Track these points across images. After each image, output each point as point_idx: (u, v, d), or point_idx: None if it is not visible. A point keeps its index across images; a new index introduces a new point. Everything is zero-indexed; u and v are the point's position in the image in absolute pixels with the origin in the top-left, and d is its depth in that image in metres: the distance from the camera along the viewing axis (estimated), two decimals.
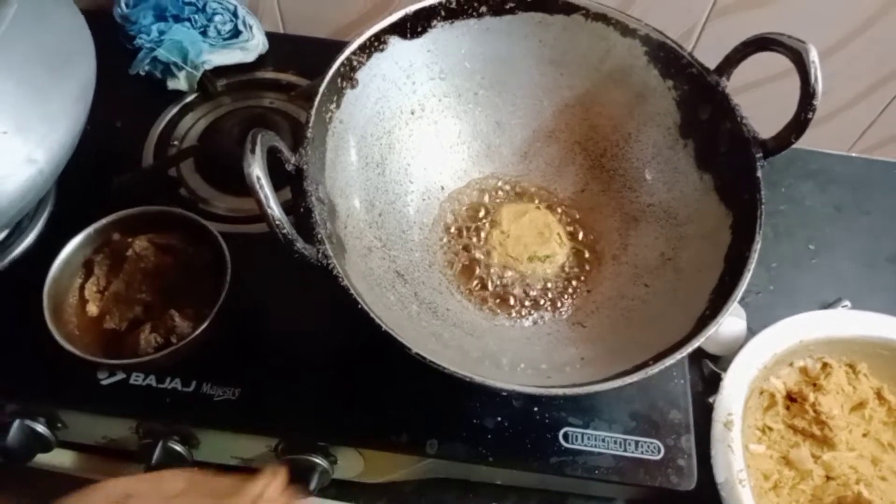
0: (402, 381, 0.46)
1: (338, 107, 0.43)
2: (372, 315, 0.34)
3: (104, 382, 0.46)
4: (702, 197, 0.44)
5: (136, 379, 0.46)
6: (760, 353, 0.51)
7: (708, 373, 0.56)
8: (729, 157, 0.43)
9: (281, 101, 0.62)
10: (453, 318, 0.44)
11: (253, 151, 0.32)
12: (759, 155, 0.41)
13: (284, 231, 0.33)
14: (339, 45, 0.43)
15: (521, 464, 0.44)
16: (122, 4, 0.63)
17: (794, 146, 0.70)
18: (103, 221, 0.48)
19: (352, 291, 0.35)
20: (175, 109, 0.61)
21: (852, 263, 0.65)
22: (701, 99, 0.45)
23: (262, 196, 0.32)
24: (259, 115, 0.60)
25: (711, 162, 0.45)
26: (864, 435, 0.52)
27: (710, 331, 0.36)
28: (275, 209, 0.32)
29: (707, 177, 0.45)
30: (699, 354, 0.56)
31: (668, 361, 0.35)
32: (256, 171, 0.32)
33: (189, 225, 0.48)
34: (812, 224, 0.67)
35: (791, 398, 0.53)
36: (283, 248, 0.34)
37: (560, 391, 0.34)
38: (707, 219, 0.43)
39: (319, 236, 0.36)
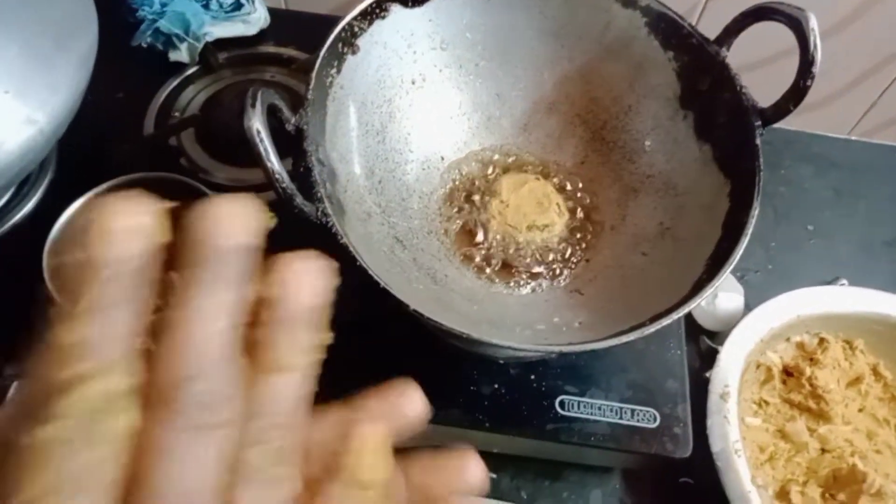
0: (399, 349, 0.46)
1: (338, 72, 0.43)
2: (371, 272, 0.35)
3: None
4: (701, 167, 0.45)
5: None
6: (757, 327, 0.51)
7: (705, 348, 0.56)
8: (728, 126, 0.43)
9: (282, 75, 0.63)
10: (452, 285, 0.45)
11: (253, 106, 0.33)
12: (758, 123, 0.41)
13: (284, 185, 0.33)
14: (340, 20, 0.43)
15: (518, 430, 0.45)
16: None
17: (793, 129, 0.71)
18: (104, 186, 0.48)
19: (351, 249, 0.35)
20: (176, 81, 0.61)
21: (850, 245, 0.65)
22: (701, 69, 0.45)
23: (261, 149, 0.32)
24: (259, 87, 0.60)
25: (711, 132, 0.45)
26: (860, 410, 0.52)
27: (707, 293, 0.36)
28: (274, 162, 0.32)
29: (706, 147, 0.45)
30: (697, 330, 0.57)
31: (664, 322, 0.35)
32: (256, 124, 0.32)
33: (189, 192, 0.48)
34: (811, 206, 0.67)
35: (787, 373, 0.53)
36: (282, 202, 0.34)
37: (557, 348, 0.34)
38: (706, 188, 0.44)
39: (319, 195, 0.36)
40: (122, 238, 0.15)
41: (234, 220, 0.16)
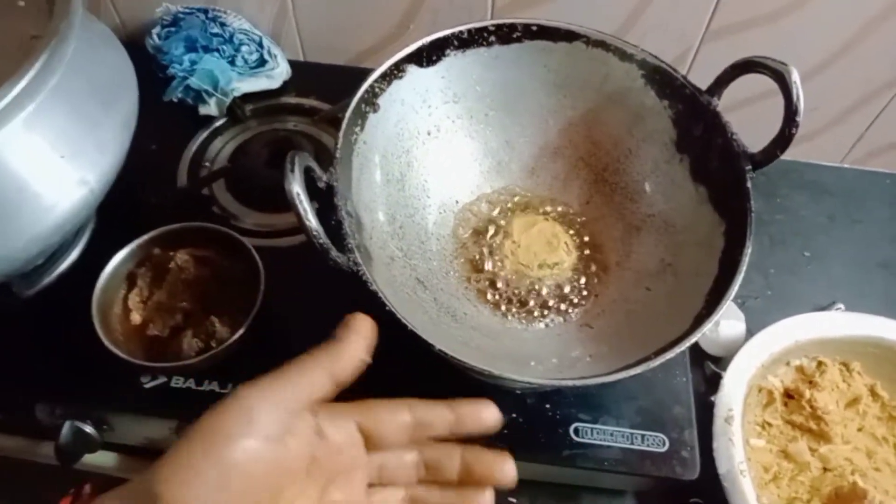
0: (423, 383, 0.49)
1: (362, 129, 0.47)
2: (399, 316, 0.38)
3: (147, 386, 0.50)
4: (697, 207, 0.48)
5: (177, 382, 0.50)
6: (758, 352, 0.54)
7: (710, 373, 0.59)
8: (721, 169, 0.47)
9: (304, 124, 0.67)
10: (470, 322, 0.48)
11: (292, 171, 0.36)
12: (749, 167, 0.45)
13: (321, 241, 0.37)
14: (357, 72, 0.48)
15: (535, 456, 0.48)
16: (154, 37, 0.68)
17: (788, 159, 0.75)
18: (145, 237, 0.52)
19: (380, 295, 0.38)
20: (206, 133, 0.65)
21: (845, 269, 0.68)
22: (694, 117, 0.49)
23: (301, 210, 0.36)
24: (284, 137, 0.65)
25: (705, 174, 0.48)
26: (859, 429, 0.55)
27: (706, 327, 0.39)
28: (313, 221, 0.36)
29: (702, 188, 0.48)
30: (701, 356, 0.59)
31: (668, 355, 0.38)
32: (296, 188, 0.36)
33: (224, 239, 0.52)
34: (807, 232, 0.70)
35: (788, 395, 0.56)
36: (319, 255, 0.37)
37: (570, 383, 0.37)
38: (702, 227, 0.47)
39: (350, 246, 0.40)
40: None
41: None
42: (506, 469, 0.31)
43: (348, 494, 0.30)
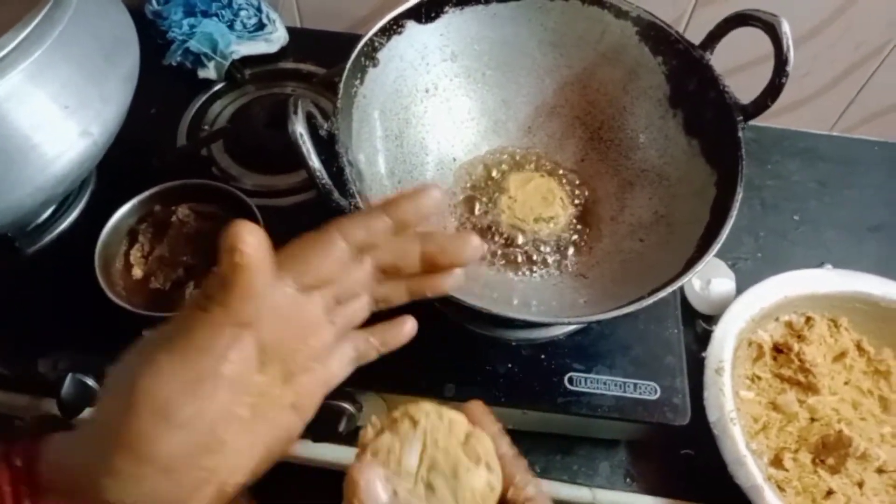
0: (421, 333, 0.50)
1: (361, 83, 0.48)
2: None
3: None
4: (690, 160, 0.49)
5: None
6: (749, 306, 0.56)
7: (701, 331, 0.60)
8: (713, 122, 0.48)
9: (302, 89, 0.67)
10: (469, 274, 0.48)
11: (295, 112, 0.37)
12: (740, 119, 0.46)
13: (323, 182, 0.38)
14: (354, 38, 0.48)
15: (531, 404, 0.49)
16: (154, 2, 0.68)
17: (781, 127, 0.76)
18: (146, 193, 0.53)
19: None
20: (205, 96, 0.66)
21: (835, 232, 0.69)
22: (688, 72, 0.50)
23: (304, 150, 0.37)
24: (282, 101, 0.65)
25: (698, 128, 0.49)
26: (846, 382, 0.56)
27: (699, 267, 0.40)
28: (315, 161, 0.37)
29: (695, 141, 0.50)
30: (693, 315, 0.61)
31: (661, 294, 0.40)
32: (299, 128, 0.37)
33: (224, 196, 0.53)
34: (798, 197, 0.72)
35: (777, 349, 0.57)
36: (321, 196, 0.38)
37: (566, 320, 0.38)
38: (695, 178, 0.48)
39: (352, 191, 0.40)
40: None
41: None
42: (470, 245, 0.30)
43: (312, 349, 0.29)
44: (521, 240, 0.52)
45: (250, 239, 0.25)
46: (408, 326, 0.33)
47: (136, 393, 0.24)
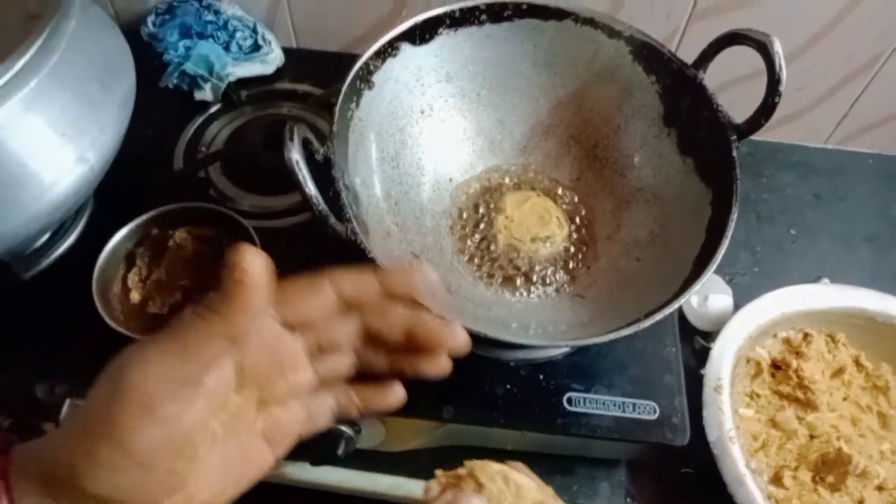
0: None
1: (357, 106, 0.48)
2: None
3: None
4: (685, 178, 0.49)
5: None
6: (746, 323, 0.56)
7: (699, 348, 0.60)
8: (707, 141, 0.48)
9: (298, 109, 0.68)
10: (465, 294, 0.49)
11: (291, 139, 0.37)
12: (734, 137, 0.46)
13: (320, 208, 0.38)
14: (349, 58, 0.48)
15: (530, 425, 0.48)
16: (150, 24, 0.68)
17: (775, 140, 0.76)
18: (144, 217, 0.53)
19: (378, 263, 0.39)
20: (201, 118, 0.66)
21: (831, 244, 0.70)
22: (681, 91, 0.50)
23: (300, 177, 0.37)
24: (278, 121, 0.65)
25: (692, 147, 0.50)
26: (844, 399, 0.56)
27: (695, 288, 0.40)
28: (311, 188, 0.37)
29: (689, 160, 0.50)
30: (691, 331, 0.61)
31: (658, 316, 0.40)
32: (295, 155, 0.37)
33: (222, 219, 0.53)
34: (793, 210, 0.72)
35: (776, 366, 0.57)
36: (317, 223, 0.38)
37: (564, 343, 0.38)
38: (690, 197, 0.48)
39: (348, 216, 0.40)
40: None
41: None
42: (453, 332, 0.31)
43: (290, 384, 0.30)
44: (518, 260, 0.52)
45: (255, 260, 0.27)
46: (395, 396, 0.33)
47: (123, 384, 0.25)
